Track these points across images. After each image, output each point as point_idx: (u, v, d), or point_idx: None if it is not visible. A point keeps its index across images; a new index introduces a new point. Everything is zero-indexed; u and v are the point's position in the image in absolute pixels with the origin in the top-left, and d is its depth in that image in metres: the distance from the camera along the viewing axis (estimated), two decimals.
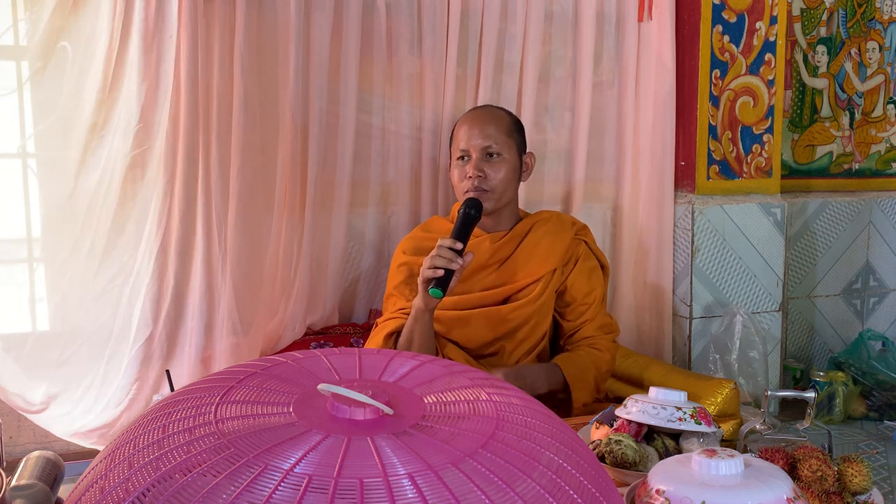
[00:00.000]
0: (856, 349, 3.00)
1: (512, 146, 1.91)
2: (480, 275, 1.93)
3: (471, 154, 1.88)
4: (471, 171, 1.87)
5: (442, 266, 1.67)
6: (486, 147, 1.88)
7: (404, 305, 1.90)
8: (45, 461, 1.02)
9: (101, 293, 1.97)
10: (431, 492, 0.65)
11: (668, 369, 2.19)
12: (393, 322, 1.88)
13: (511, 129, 1.93)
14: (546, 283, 1.91)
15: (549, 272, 1.92)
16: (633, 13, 2.50)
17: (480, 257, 1.92)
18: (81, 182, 1.93)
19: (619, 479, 1.21)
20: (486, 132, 1.89)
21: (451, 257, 1.67)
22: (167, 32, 1.93)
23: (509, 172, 1.90)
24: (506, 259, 1.94)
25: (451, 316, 1.90)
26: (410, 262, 1.93)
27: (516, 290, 1.92)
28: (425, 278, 1.70)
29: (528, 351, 1.94)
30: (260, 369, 0.85)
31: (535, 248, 1.94)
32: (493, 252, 1.93)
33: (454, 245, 1.68)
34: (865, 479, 1.14)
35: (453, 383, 0.86)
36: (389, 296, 1.98)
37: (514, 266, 1.93)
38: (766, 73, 2.65)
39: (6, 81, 1.92)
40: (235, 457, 0.67)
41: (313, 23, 2.10)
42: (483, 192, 1.86)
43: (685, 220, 2.58)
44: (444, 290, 1.67)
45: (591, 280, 1.97)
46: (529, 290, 1.91)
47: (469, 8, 2.29)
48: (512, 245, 1.94)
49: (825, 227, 3.11)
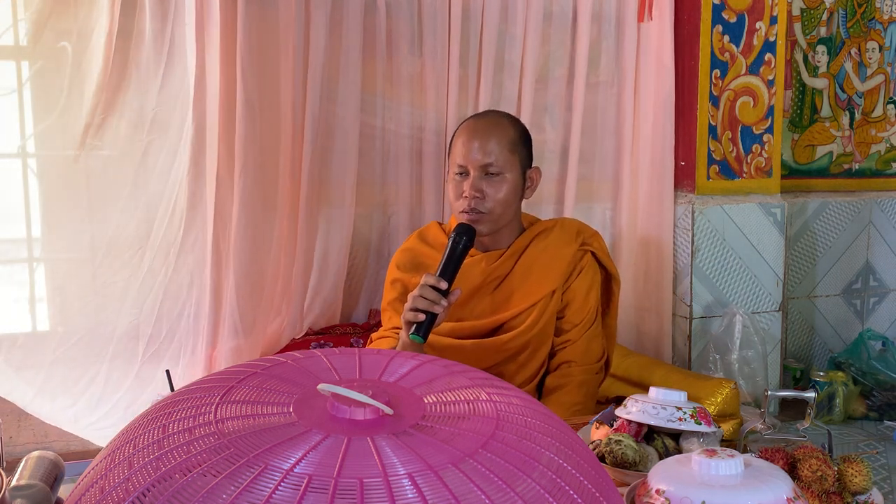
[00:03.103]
0: (856, 349, 3.00)
1: (514, 163, 1.73)
2: (475, 299, 1.79)
3: (469, 171, 1.70)
4: (468, 190, 1.69)
5: (424, 308, 1.54)
6: (486, 165, 1.69)
7: (397, 323, 1.75)
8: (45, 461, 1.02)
9: (101, 293, 1.97)
10: (431, 492, 0.65)
11: (668, 369, 2.19)
12: (384, 342, 1.78)
13: (515, 144, 1.74)
14: (543, 309, 1.75)
15: (547, 295, 1.75)
16: (632, 13, 2.50)
17: (475, 280, 1.77)
18: (81, 182, 1.93)
19: (619, 479, 1.21)
20: (486, 148, 1.70)
21: (434, 299, 1.54)
22: (168, 32, 1.93)
23: (510, 193, 1.72)
24: (502, 279, 1.79)
25: (446, 344, 1.77)
26: (404, 280, 1.81)
27: (510, 318, 1.76)
28: (406, 321, 1.57)
29: (531, 377, 1.80)
30: (260, 369, 0.85)
31: (532, 266, 1.78)
32: (488, 273, 1.78)
33: (438, 284, 1.55)
34: (865, 479, 1.14)
35: (453, 383, 0.86)
36: (384, 309, 1.88)
37: (510, 289, 1.78)
38: (766, 73, 2.65)
39: (6, 81, 1.92)
40: (235, 457, 0.67)
41: (313, 23, 2.10)
42: (479, 213, 1.70)
43: (685, 220, 2.58)
44: (426, 336, 1.55)
45: (589, 297, 1.80)
46: (523, 318, 1.75)
47: (469, 8, 2.29)
48: (509, 264, 1.78)
49: (825, 227, 3.11)
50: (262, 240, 2.07)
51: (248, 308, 2.05)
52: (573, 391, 1.76)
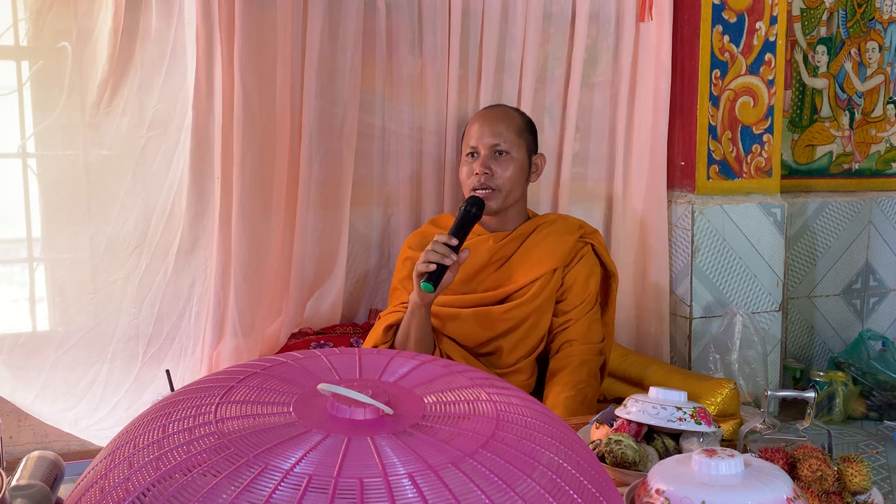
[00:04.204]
0: (856, 349, 3.00)
1: (521, 146, 1.92)
2: (482, 275, 1.93)
3: (479, 151, 1.90)
4: (478, 168, 1.87)
5: (435, 261, 1.66)
6: (495, 145, 1.89)
7: (407, 299, 1.89)
8: (45, 461, 1.02)
9: (101, 293, 1.97)
10: (431, 492, 0.65)
11: (668, 369, 2.19)
12: (393, 315, 1.88)
13: (522, 129, 1.94)
14: (544, 284, 1.89)
15: (549, 272, 1.89)
16: (632, 13, 2.50)
17: (482, 257, 1.91)
18: (81, 182, 1.93)
19: (619, 479, 1.21)
20: (496, 130, 1.90)
21: (444, 252, 1.66)
22: (168, 32, 1.93)
23: (517, 172, 1.90)
24: (507, 259, 1.93)
25: (447, 312, 1.90)
26: (414, 257, 1.90)
27: (513, 291, 1.90)
28: (418, 272, 1.70)
29: (528, 353, 1.92)
30: (260, 369, 0.85)
31: (535, 248, 1.92)
32: (494, 251, 1.92)
33: (449, 241, 1.68)
34: (865, 479, 1.14)
35: (453, 383, 0.86)
36: (394, 289, 1.99)
37: (514, 266, 1.92)
38: (766, 73, 2.65)
39: (6, 81, 1.92)
40: (235, 457, 0.67)
41: (311, 22, 2.09)
42: (489, 189, 1.86)
43: (685, 220, 2.58)
44: (436, 285, 1.67)
45: (589, 282, 1.93)
46: (525, 291, 1.89)
47: (469, 8, 2.29)
48: (514, 245, 1.93)
49: (825, 227, 3.11)
50: (262, 240, 2.07)
51: (247, 308, 2.05)
52: (577, 370, 1.85)
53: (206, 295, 2.02)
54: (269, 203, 2.08)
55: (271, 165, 2.07)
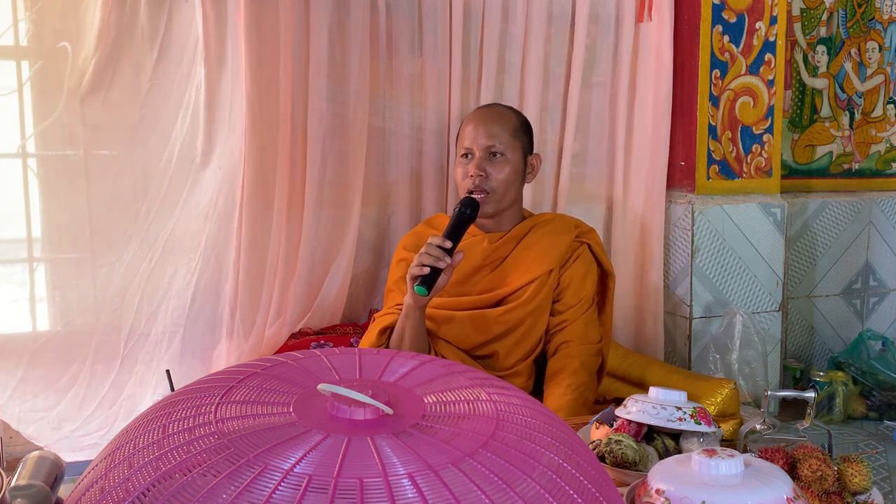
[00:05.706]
0: (856, 349, 3.00)
1: (517, 147, 1.88)
2: (476, 277, 1.90)
3: (474, 152, 1.86)
4: (472, 169, 1.84)
5: (429, 264, 1.65)
6: (490, 146, 1.85)
7: (401, 301, 1.86)
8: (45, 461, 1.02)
9: (101, 293, 1.97)
10: (431, 492, 0.65)
11: (668, 369, 2.19)
12: (387, 318, 1.86)
13: (517, 130, 1.90)
14: (540, 285, 1.86)
15: (545, 273, 1.86)
16: (632, 13, 2.50)
17: (477, 258, 1.89)
18: (81, 182, 1.93)
19: (619, 479, 1.21)
20: (490, 131, 1.86)
21: (438, 255, 1.65)
22: (168, 32, 1.93)
23: (512, 173, 1.86)
24: (502, 260, 1.90)
25: (442, 315, 1.88)
26: (409, 258, 1.89)
27: (508, 294, 1.87)
28: (412, 275, 1.68)
29: (525, 355, 1.89)
30: (260, 369, 0.85)
31: (531, 249, 1.89)
32: (489, 253, 1.90)
33: (443, 243, 1.66)
34: (865, 479, 1.14)
35: (453, 383, 0.86)
36: (389, 291, 1.97)
37: (509, 268, 1.89)
38: (766, 73, 2.65)
39: (6, 81, 1.92)
40: (235, 457, 0.67)
41: (312, 22, 2.09)
42: (484, 192, 1.83)
43: (685, 221, 2.58)
44: (430, 289, 1.65)
45: (585, 282, 1.90)
46: (521, 293, 1.86)
47: (470, 8, 2.29)
48: (509, 246, 1.91)
49: (825, 227, 3.11)
50: (263, 240, 2.07)
51: (248, 308, 2.05)
52: (577, 371, 1.83)
53: (206, 295, 2.02)
54: (271, 203, 2.08)
55: (272, 166, 2.07)
